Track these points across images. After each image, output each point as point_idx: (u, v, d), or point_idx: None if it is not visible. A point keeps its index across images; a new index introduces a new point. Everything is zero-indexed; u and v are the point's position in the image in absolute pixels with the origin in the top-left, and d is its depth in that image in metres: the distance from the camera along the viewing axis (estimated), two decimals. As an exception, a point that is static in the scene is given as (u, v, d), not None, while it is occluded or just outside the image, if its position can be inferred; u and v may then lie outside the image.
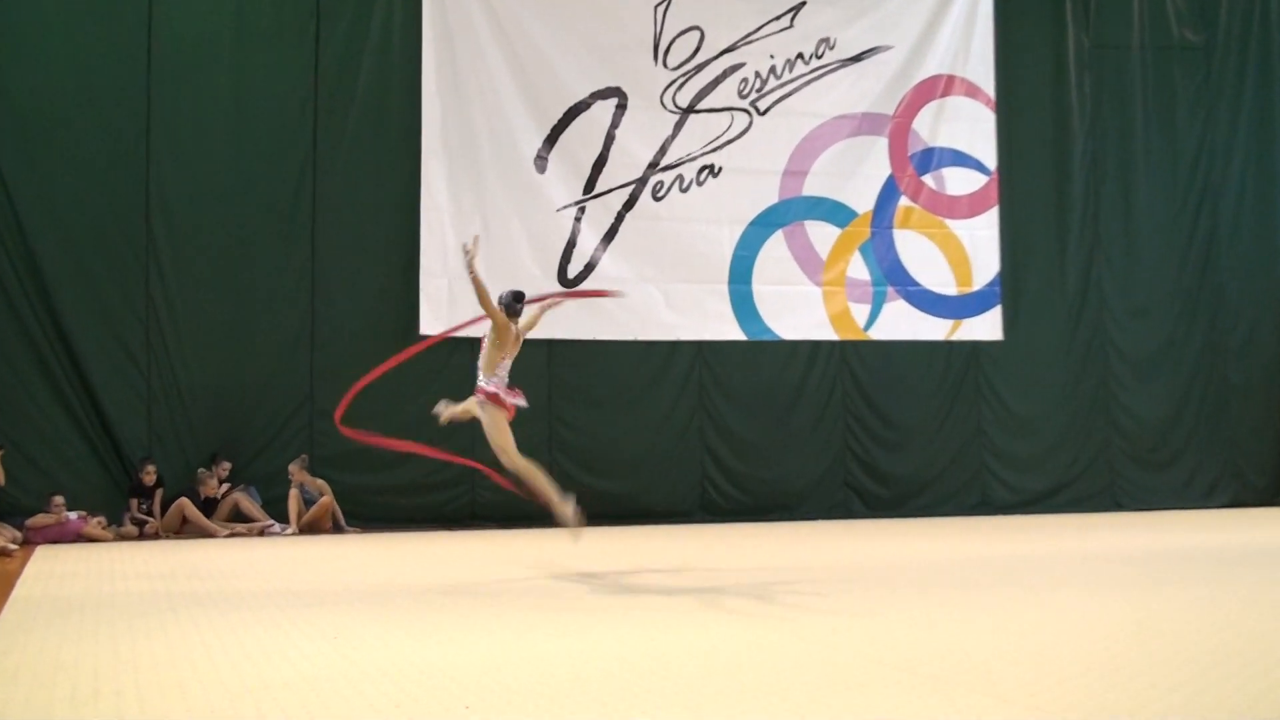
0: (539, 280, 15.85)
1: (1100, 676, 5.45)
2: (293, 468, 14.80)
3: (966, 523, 15.85)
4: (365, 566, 10.89)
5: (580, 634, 6.75)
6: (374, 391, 15.09)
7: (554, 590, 8.91)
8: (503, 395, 9.86)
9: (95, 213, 14.80)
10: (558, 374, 15.93)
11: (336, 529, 14.88)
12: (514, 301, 10.22)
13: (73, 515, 13.87)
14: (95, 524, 13.95)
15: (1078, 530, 14.37)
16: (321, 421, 15.30)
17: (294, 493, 14.70)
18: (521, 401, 9.98)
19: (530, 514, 15.53)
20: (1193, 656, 5.90)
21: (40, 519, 13.75)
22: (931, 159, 17.31)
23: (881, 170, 17.12)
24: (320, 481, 14.90)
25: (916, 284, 17.11)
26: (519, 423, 10.08)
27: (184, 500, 14.30)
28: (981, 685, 5.26)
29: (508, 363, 10.04)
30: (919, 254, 17.16)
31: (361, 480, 15.27)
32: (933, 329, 17.16)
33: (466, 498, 15.49)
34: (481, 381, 9.92)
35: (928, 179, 17.27)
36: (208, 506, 14.52)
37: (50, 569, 10.88)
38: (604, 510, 15.87)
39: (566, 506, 9.62)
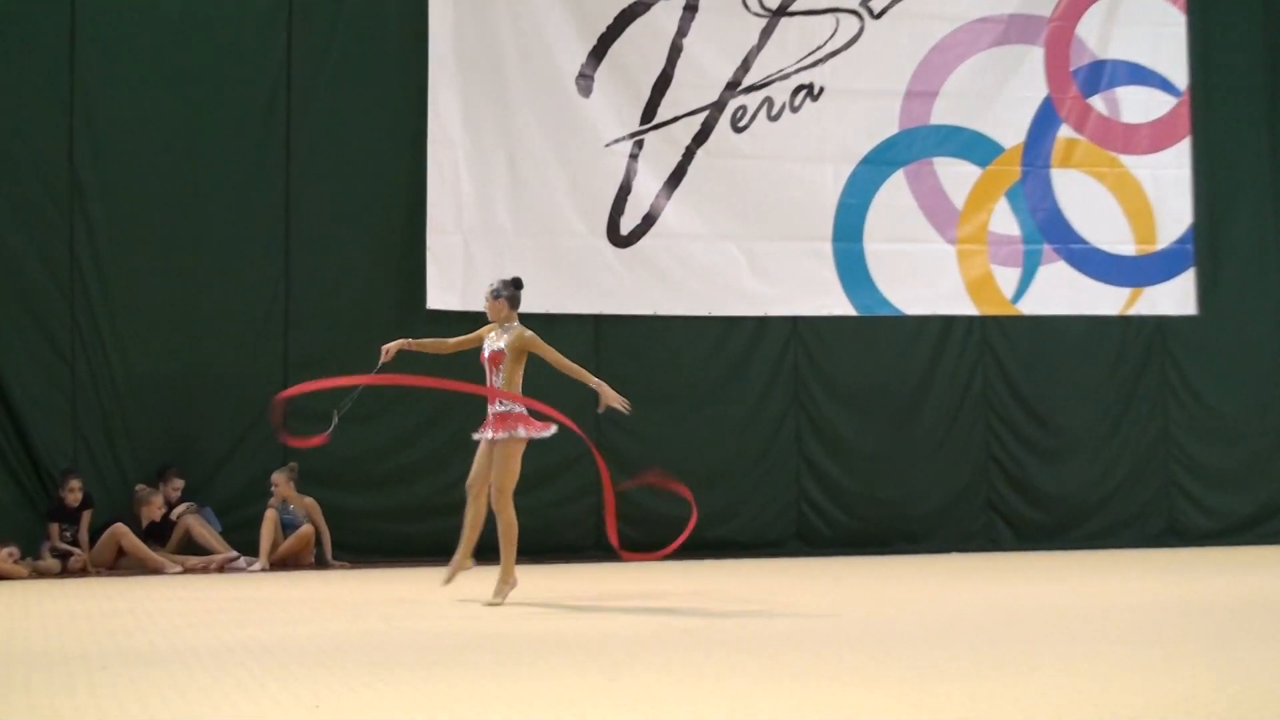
0: (583, 237, 15.82)
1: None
2: (278, 477, 14.81)
3: (1148, 557, 15.75)
4: (357, 611, 10.89)
5: (638, 702, 6.69)
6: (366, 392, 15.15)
7: (601, 642, 8.87)
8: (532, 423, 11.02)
9: (1, 148, 14.86)
10: (608, 361, 15.86)
11: (320, 563, 14.90)
12: (516, 289, 11.23)
13: (-26, 546, 13.98)
14: (3, 556, 14.01)
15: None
16: (300, 424, 15.29)
17: (270, 514, 14.70)
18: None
19: (567, 544, 15.60)
20: None
21: (-66, 550, 13.87)
22: (1101, 75, 17.16)
23: (1035, 91, 17.01)
24: (309, 500, 14.92)
25: (1082, 241, 16.99)
26: (561, 437, 10.59)
27: (119, 526, 14.34)
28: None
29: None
30: (1085, 201, 17.05)
31: (351, 501, 15.29)
32: (1103, 300, 17.05)
33: (485, 524, 15.42)
34: (516, 409, 10.95)
35: (1097, 101, 17.12)
36: (152, 533, 14.56)
37: (-53, 615, 10.95)
38: (670, 540, 15.81)
39: (506, 589, 10.97)
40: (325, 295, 15.47)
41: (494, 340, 11.09)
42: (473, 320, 13.38)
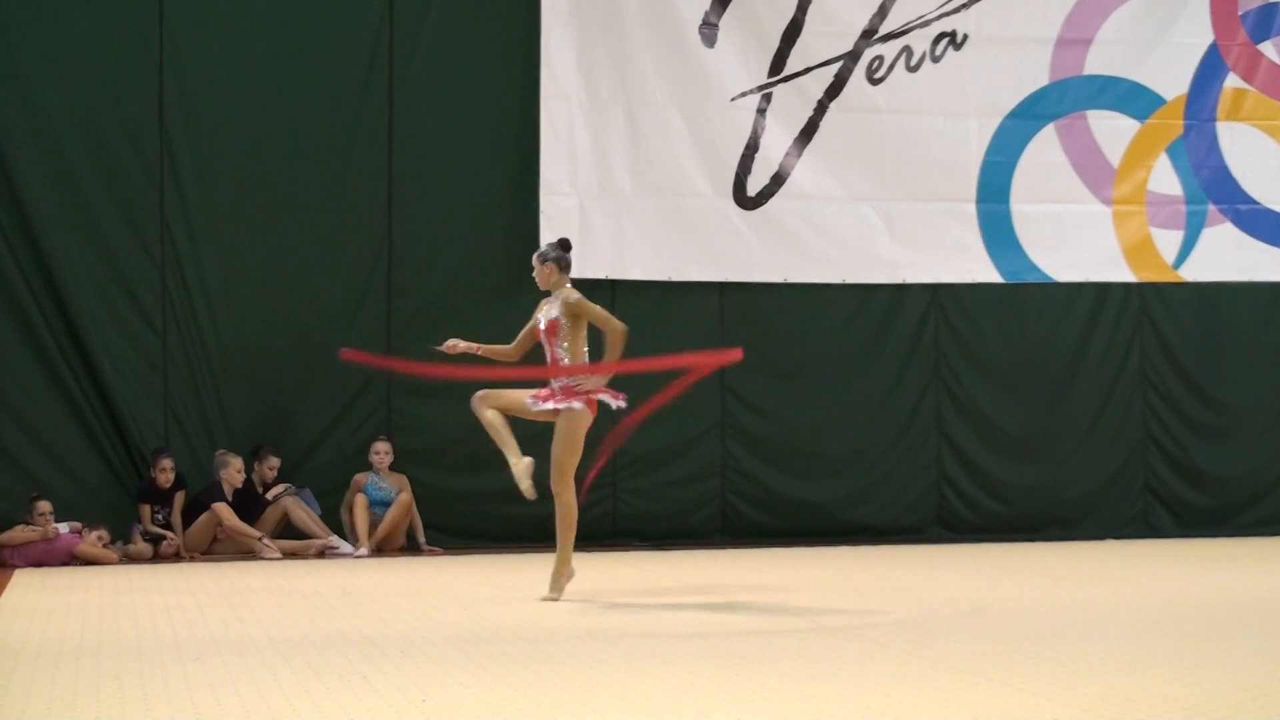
0: (707, 199, 15.78)
1: None
2: (385, 446, 14.97)
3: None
4: (462, 600, 10.94)
5: (765, 700, 6.70)
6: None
7: (727, 635, 8.88)
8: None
9: (90, 111, 14.99)
10: (733, 332, 15.84)
11: (412, 547, 15.00)
12: (565, 251, 11.20)
13: (63, 528, 14.13)
14: (93, 540, 14.19)
15: None
16: (401, 399, 15.39)
17: (360, 499, 14.81)
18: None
19: (692, 529, 15.60)
20: None
21: (18, 533, 14.02)
22: (1273, 19, 16.87)
23: (1199, 37, 16.75)
24: (400, 477, 15.03)
25: (1251, 201, 16.75)
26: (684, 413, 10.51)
27: (220, 507, 14.43)
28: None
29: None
30: (1255, 157, 16.79)
31: (447, 481, 15.27)
32: (1275, 265, 16.80)
33: (605, 505, 15.47)
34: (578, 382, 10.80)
35: (1268, 48, 16.86)
36: (239, 500, 14.66)
37: (33, 603, 11.11)
38: (800, 526, 15.82)
39: (563, 581, 10.82)
40: (430, 261, 15.51)
41: (548, 310, 11.02)
42: (588, 288, 13.50)
